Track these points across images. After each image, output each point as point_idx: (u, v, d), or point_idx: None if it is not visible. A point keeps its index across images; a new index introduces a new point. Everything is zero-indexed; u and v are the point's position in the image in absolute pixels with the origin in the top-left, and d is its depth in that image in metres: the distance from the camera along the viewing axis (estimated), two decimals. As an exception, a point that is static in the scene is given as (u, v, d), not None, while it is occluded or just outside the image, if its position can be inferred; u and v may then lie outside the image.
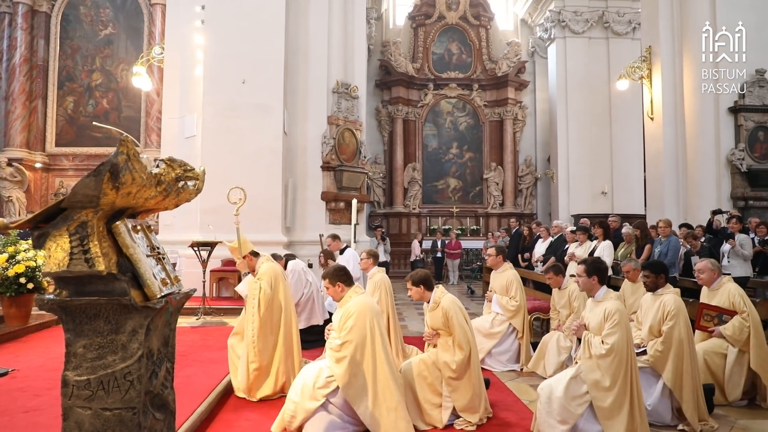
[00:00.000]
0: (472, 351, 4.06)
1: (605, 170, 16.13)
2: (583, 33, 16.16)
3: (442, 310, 4.15)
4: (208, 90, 9.80)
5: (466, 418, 4.00)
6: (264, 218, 9.42)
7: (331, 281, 3.95)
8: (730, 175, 11.11)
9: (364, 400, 3.68)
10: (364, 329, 3.73)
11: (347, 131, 11.34)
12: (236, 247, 4.99)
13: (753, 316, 4.55)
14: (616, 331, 3.65)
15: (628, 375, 3.62)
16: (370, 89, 15.85)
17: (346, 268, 4.14)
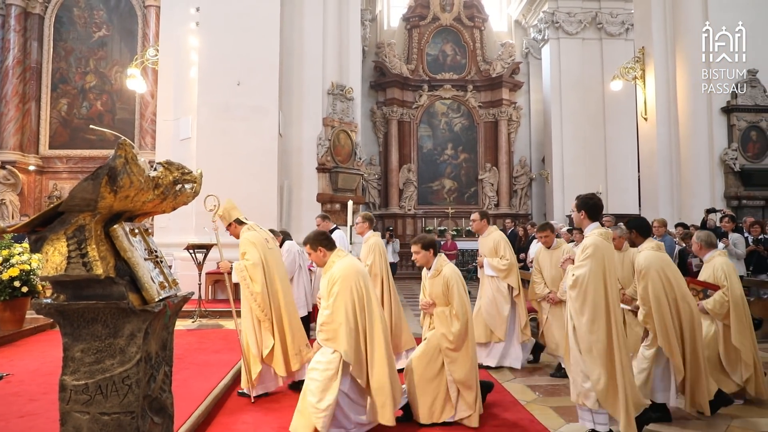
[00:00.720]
0: (468, 322, 4.04)
1: (600, 170, 16.19)
2: (576, 34, 16.22)
3: (443, 278, 4.12)
4: (203, 92, 9.77)
5: (465, 396, 3.99)
6: (259, 220, 9.24)
7: (312, 246, 3.92)
8: (724, 174, 11.17)
9: (364, 371, 3.69)
10: (351, 293, 3.70)
11: (342, 133, 11.34)
12: (222, 214, 4.90)
13: (733, 291, 4.50)
14: (585, 264, 3.57)
15: (601, 314, 3.53)
16: (364, 91, 15.85)
17: (326, 233, 4.12)
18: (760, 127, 11.20)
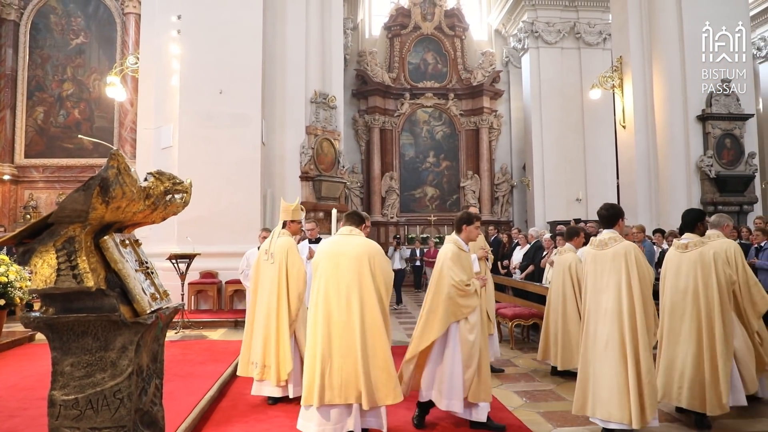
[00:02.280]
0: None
1: (579, 177, 16.40)
2: (555, 43, 16.47)
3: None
4: (185, 100, 9.70)
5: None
6: (242, 229, 9.33)
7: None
8: (700, 181, 11.41)
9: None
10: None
11: (326, 141, 11.34)
12: (297, 207, 5.13)
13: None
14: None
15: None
16: (346, 99, 15.88)
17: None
18: (734, 134, 11.47)
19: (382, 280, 3.80)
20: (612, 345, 3.74)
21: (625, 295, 3.73)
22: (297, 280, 4.75)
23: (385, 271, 3.86)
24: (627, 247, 3.86)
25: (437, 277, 4.15)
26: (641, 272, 3.76)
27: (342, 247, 3.89)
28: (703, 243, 4.30)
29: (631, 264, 3.77)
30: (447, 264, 4.08)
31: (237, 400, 4.83)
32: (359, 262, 3.78)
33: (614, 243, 3.90)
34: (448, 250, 4.19)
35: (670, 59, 11.38)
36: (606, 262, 3.88)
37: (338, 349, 3.66)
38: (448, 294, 4.00)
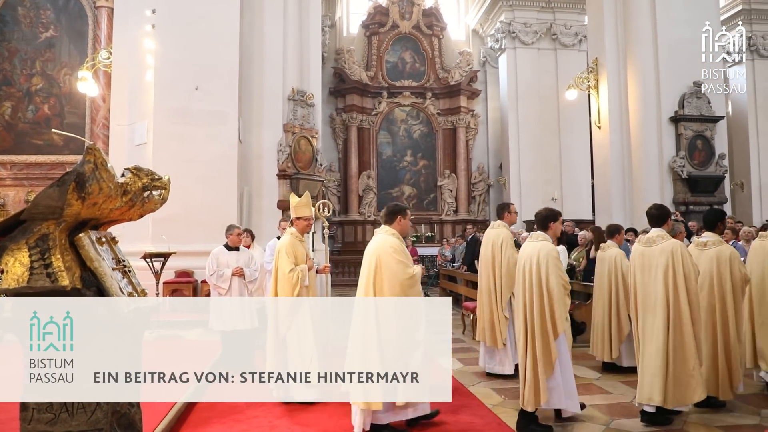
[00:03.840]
0: None
1: (555, 177, 16.61)
2: (532, 44, 16.63)
3: None
4: (160, 96, 9.52)
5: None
6: (218, 227, 9.08)
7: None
8: (672, 181, 11.63)
9: None
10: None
11: (303, 139, 11.24)
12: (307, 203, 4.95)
13: None
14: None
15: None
16: (324, 97, 15.78)
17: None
18: (705, 136, 11.73)
19: (385, 277, 3.82)
20: (659, 334, 4.03)
21: (672, 289, 4.03)
22: (282, 282, 4.67)
23: (391, 268, 3.82)
24: (674, 244, 4.12)
25: (535, 276, 4.03)
26: (686, 268, 4.04)
27: (369, 245, 4.12)
28: (721, 242, 4.59)
29: (677, 260, 4.04)
30: (553, 263, 4.04)
31: (216, 402, 4.75)
32: (369, 260, 3.93)
33: (661, 240, 4.17)
34: (550, 248, 4.11)
35: (644, 61, 11.59)
36: (653, 258, 4.14)
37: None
38: (559, 294, 4.00)
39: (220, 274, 5.72)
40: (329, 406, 4.58)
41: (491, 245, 5.58)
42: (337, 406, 4.54)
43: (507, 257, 5.38)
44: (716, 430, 4.09)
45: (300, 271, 4.61)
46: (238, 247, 5.96)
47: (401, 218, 4.10)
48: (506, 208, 5.81)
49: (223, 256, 5.83)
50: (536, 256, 4.06)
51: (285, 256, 4.68)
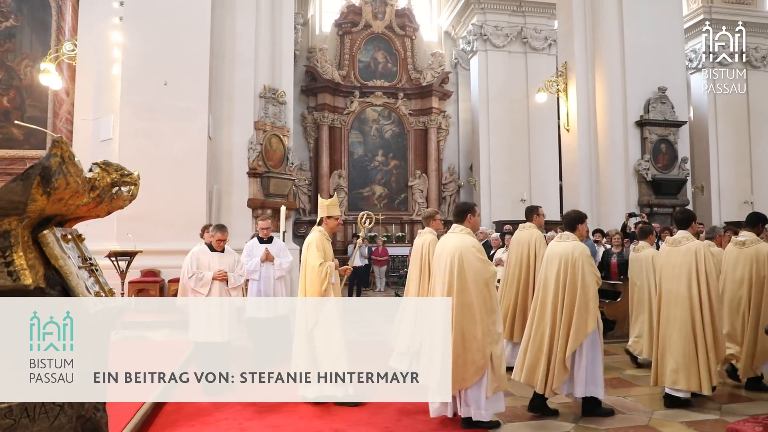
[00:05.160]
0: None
1: (524, 178, 16.80)
2: (503, 47, 16.80)
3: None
4: (127, 91, 9.29)
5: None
6: (187, 226, 9.04)
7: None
8: (638, 183, 11.92)
9: None
10: None
11: (274, 137, 11.12)
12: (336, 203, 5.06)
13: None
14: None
15: None
16: (296, 95, 15.63)
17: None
18: (669, 140, 12.04)
19: (469, 275, 3.96)
20: (683, 326, 4.46)
21: (695, 285, 4.44)
22: (311, 275, 4.62)
23: (474, 266, 3.97)
24: (697, 245, 4.56)
25: (570, 273, 4.29)
26: (708, 267, 4.44)
27: (441, 244, 4.27)
28: (759, 241, 5.08)
29: (700, 260, 4.46)
30: (588, 261, 4.35)
31: (183, 403, 4.65)
32: (448, 259, 4.04)
33: (686, 242, 4.61)
34: (583, 247, 4.42)
35: (611, 67, 11.84)
36: (678, 257, 4.58)
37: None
38: (594, 291, 4.29)
39: (199, 277, 5.05)
40: (300, 406, 4.53)
41: (526, 245, 5.83)
42: (308, 407, 4.50)
43: (542, 256, 5.50)
44: (680, 426, 4.20)
45: (329, 266, 4.61)
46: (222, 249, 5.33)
47: (471, 216, 4.26)
48: (535, 210, 6.08)
49: (205, 257, 5.19)
50: (570, 255, 4.32)
51: (315, 251, 4.67)
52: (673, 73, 12.23)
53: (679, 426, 4.19)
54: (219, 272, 5.10)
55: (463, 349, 3.92)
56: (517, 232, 6.15)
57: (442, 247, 4.20)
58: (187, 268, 5.11)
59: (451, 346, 3.87)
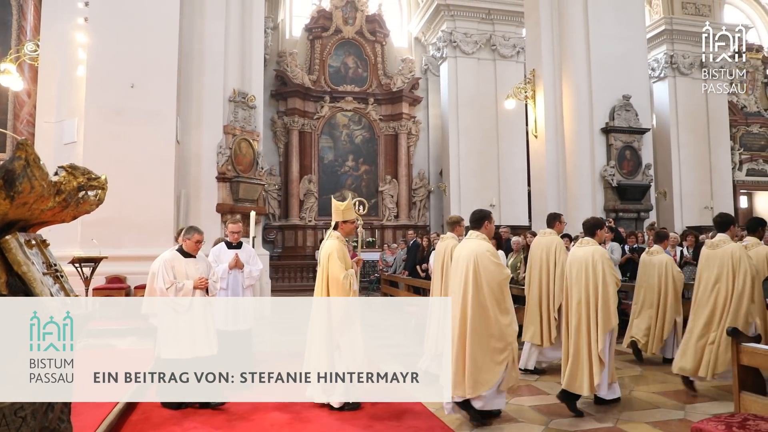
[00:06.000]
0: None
1: (493, 184, 17.00)
2: (472, 54, 17.01)
3: None
4: (92, 93, 9.07)
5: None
6: (154, 231, 8.87)
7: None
8: (603, 189, 12.17)
9: None
10: None
11: (244, 141, 11.00)
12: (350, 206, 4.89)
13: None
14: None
15: None
16: (265, 99, 15.50)
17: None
18: (633, 147, 12.35)
19: (484, 278, 4.17)
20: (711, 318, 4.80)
21: (731, 285, 4.70)
22: (336, 288, 4.55)
23: (489, 269, 4.18)
24: (733, 248, 4.81)
25: (591, 276, 4.59)
26: (744, 267, 4.69)
27: (459, 250, 4.47)
28: (759, 244, 5.32)
29: (736, 261, 4.72)
30: (608, 264, 4.65)
31: (150, 412, 4.54)
32: (464, 263, 4.26)
33: (724, 245, 4.88)
34: (603, 251, 4.75)
35: (578, 74, 12.09)
36: (716, 259, 4.86)
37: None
38: (613, 291, 4.61)
39: (179, 287, 4.60)
40: (271, 414, 4.48)
41: (545, 250, 6.04)
42: (279, 414, 4.45)
43: (562, 262, 5.78)
44: (646, 426, 4.29)
45: (351, 275, 4.56)
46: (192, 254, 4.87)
47: (487, 223, 4.46)
48: (557, 218, 6.29)
49: (180, 264, 4.73)
50: (591, 258, 4.62)
51: (337, 261, 4.58)
52: (636, 81, 12.56)
53: (644, 426, 4.29)
54: (200, 280, 4.68)
55: (479, 350, 4.11)
56: (537, 237, 6.44)
57: (459, 252, 4.42)
58: (161, 276, 4.63)
59: (468, 348, 4.11)
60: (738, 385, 3.14)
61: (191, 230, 4.89)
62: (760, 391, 3.11)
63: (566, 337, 4.75)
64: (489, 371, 4.10)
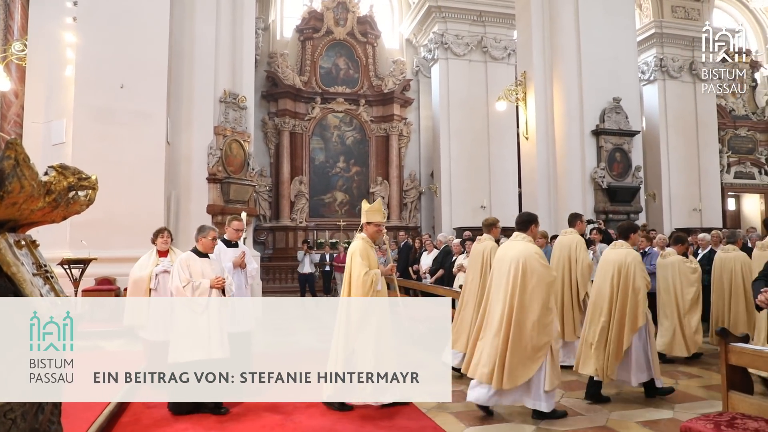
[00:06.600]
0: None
1: (484, 185, 17.05)
2: (464, 56, 17.06)
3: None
4: (81, 93, 9.01)
5: None
6: (143, 232, 8.68)
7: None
8: (594, 191, 12.26)
9: None
10: None
11: (235, 142, 10.96)
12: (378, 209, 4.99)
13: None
14: None
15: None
16: (256, 100, 15.46)
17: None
18: (623, 149, 12.45)
19: (534, 279, 4.38)
20: None
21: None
22: (356, 285, 4.63)
23: (538, 271, 4.39)
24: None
25: (623, 277, 4.88)
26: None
27: (503, 250, 4.68)
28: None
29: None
30: (640, 267, 4.94)
31: (139, 414, 4.52)
32: (513, 265, 4.44)
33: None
34: (635, 254, 5.01)
35: (568, 77, 12.17)
36: (763, 259, 5.00)
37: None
38: (643, 293, 4.87)
39: (195, 286, 4.49)
40: (263, 415, 4.46)
41: (567, 249, 6.38)
42: (271, 416, 4.43)
43: (582, 259, 6.24)
44: (636, 425, 4.33)
45: (374, 274, 4.62)
46: (208, 254, 4.78)
47: (534, 226, 4.68)
48: (578, 217, 6.76)
49: (196, 264, 4.63)
50: (624, 261, 4.91)
51: (359, 259, 4.66)
52: (626, 84, 12.66)
53: (635, 426, 4.32)
54: (217, 279, 4.57)
55: (521, 346, 4.30)
56: (560, 237, 6.78)
57: (504, 253, 4.62)
58: (177, 275, 4.53)
59: (510, 342, 4.32)
60: (726, 385, 3.17)
61: (205, 228, 4.80)
62: (747, 391, 3.14)
63: (586, 327, 5.12)
64: (526, 367, 4.32)
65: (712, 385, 5.40)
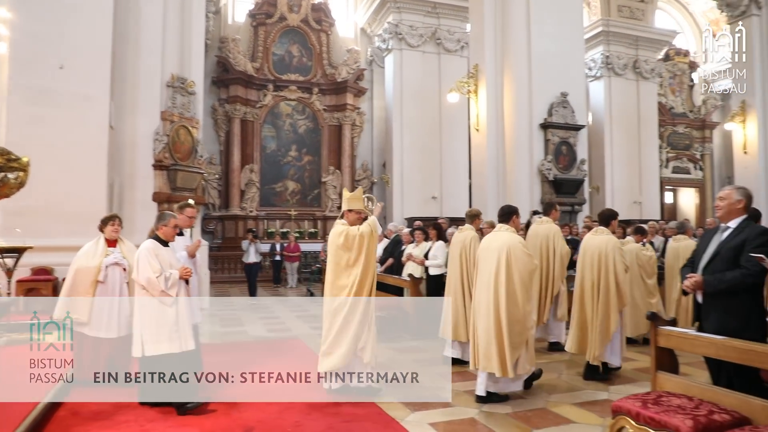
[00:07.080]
0: None
1: (435, 176, 17.25)
2: (417, 47, 17.14)
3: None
4: (16, 73, 8.54)
5: None
6: (84, 220, 8.38)
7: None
8: (541, 183, 12.57)
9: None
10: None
11: (182, 128, 10.67)
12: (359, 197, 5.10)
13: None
14: None
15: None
16: (206, 86, 15.10)
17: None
18: (569, 142, 12.80)
19: (516, 267, 4.56)
20: None
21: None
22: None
23: (521, 259, 4.59)
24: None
25: (604, 262, 5.28)
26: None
27: (488, 240, 4.85)
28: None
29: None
30: (618, 252, 5.35)
31: (79, 408, 4.37)
32: (497, 253, 4.62)
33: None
34: (615, 241, 5.39)
35: (519, 71, 12.39)
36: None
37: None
38: (622, 276, 5.31)
39: (167, 276, 4.29)
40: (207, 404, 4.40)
41: (545, 239, 6.64)
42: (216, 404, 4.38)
43: (560, 247, 6.59)
44: (572, 407, 4.51)
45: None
46: (168, 243, 4.60)
47: (515, 217, 4.92)
48: (553, 206, 7.05)
49: (162, 252, 4.43)
50: (605, 247, 5.30)
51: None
52: (574, 79, 13.00)
53: (571, 407, 4.51)
54: (184, 269, 4.40)
55: (508, 333, 4.47)
56: (534, 226, 6.96)
57: (489, 243, 4.79)
58: (148, 265, 4.30)
59: (496, 331, 4.51)
60: (655, 366, 3.35)
61: (166, 216, 4.60)
62: (674, 371, 3.32)
63: (575, 311, 5.53)
64: (512, 352, 4.49)
65: (645, 367, 5.67)
